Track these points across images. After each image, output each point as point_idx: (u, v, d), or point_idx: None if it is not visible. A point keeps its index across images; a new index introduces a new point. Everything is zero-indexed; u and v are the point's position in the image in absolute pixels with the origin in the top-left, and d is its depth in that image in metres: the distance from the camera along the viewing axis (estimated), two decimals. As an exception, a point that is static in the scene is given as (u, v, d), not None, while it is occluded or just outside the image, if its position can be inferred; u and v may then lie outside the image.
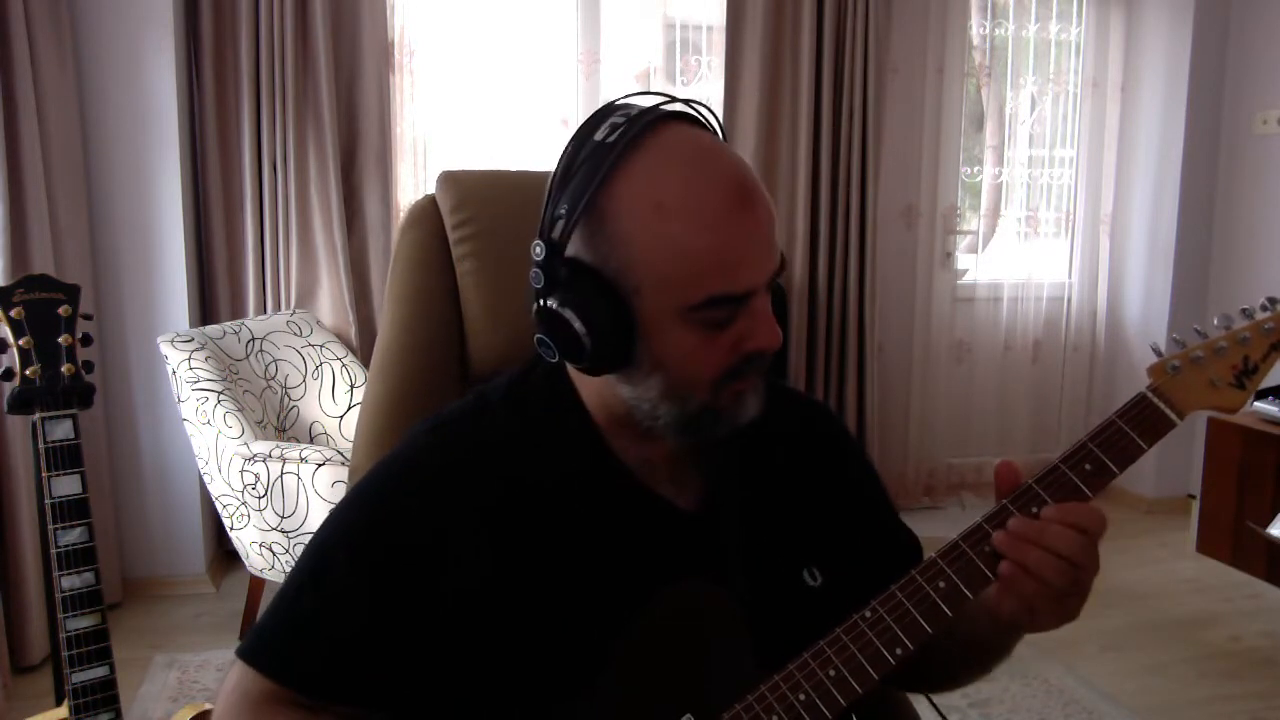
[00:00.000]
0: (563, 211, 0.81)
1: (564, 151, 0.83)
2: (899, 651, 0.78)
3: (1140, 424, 0.81)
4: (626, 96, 0.85)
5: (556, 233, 0.81)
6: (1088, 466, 0.80)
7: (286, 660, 0.84)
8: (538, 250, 0.82)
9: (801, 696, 0.78)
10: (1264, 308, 0.82)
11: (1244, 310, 0.82)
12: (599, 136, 0.80)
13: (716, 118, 0.86)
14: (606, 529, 0.87)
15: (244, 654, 0.85)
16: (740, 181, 0.79)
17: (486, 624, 0.83)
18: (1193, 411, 0.81)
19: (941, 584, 0.79)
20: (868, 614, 0.80)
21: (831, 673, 0.78)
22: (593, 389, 0.88)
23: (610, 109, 0.83)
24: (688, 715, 0.80)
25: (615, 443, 0.89)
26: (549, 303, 0.82)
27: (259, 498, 2.44)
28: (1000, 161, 3.96)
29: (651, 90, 0.91)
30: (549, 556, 0.85)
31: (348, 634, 0.83)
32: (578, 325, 0.80)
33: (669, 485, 0.90)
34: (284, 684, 0.84)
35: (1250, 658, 2.74)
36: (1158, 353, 0.83)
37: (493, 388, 0.94)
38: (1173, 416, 0.80)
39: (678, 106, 0.83)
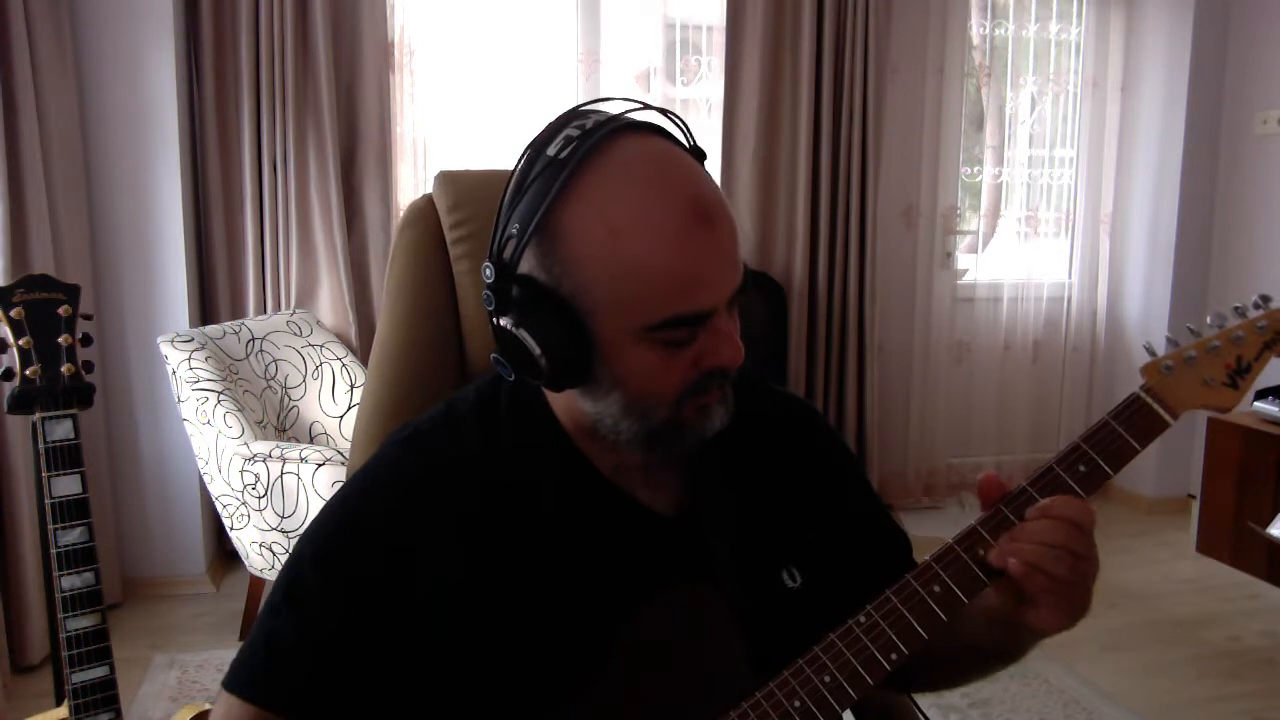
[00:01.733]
0: (513, 232, 0.79)
1: (516, 166, 0.81)
2: (894, 657, 0.77)
3: (1133, 424, 0.80)
4: (588, 103, 0.82)
5: (507, 254, 0.79)
6: (1081, 468, 0.79)
7: (269, 687, 0.83)
8: (487, 272, 0.80)
9: (797, 704, 0.77)
10: (1256, 305, 0.81)
11: (1236, 308, 0.81)
12: (551, 151, 0.77)
13: (681, 121, 0.83)
14: (584, 536, 0.86)
15: (228, 684, 0.85)
16: (698, 198, 0.77)
17: (468, 636, 0.82)
18: (1186, 411, 0.80)
19: (936, 588, 0.78)
20: (862, 619, 0.79)
21: (827, 679, 0.77)
22: (559, 400, 0.87)
23: (566, 119, 0.80)
24: None
25: (587, 449, 0.88)
26: (502, 322, 0.80)
27: (259, 498, 2.44)
28: (1000, 161, 3.96)
29: (618, 96, 0.88)
30: (528, 566, 0.84)
31: (326, 654, 0.82)
32: (532, 345, 0.78)
33: (645, 490, 0.89)
34: (269, 710, 0.83)
35: (1250, 658, 2.74)
36: (1151, 352, 0.82)
37: (461, 398, 0.92)
38: (1166, 416, 0.79)
39: (635, 115, 0.80)
